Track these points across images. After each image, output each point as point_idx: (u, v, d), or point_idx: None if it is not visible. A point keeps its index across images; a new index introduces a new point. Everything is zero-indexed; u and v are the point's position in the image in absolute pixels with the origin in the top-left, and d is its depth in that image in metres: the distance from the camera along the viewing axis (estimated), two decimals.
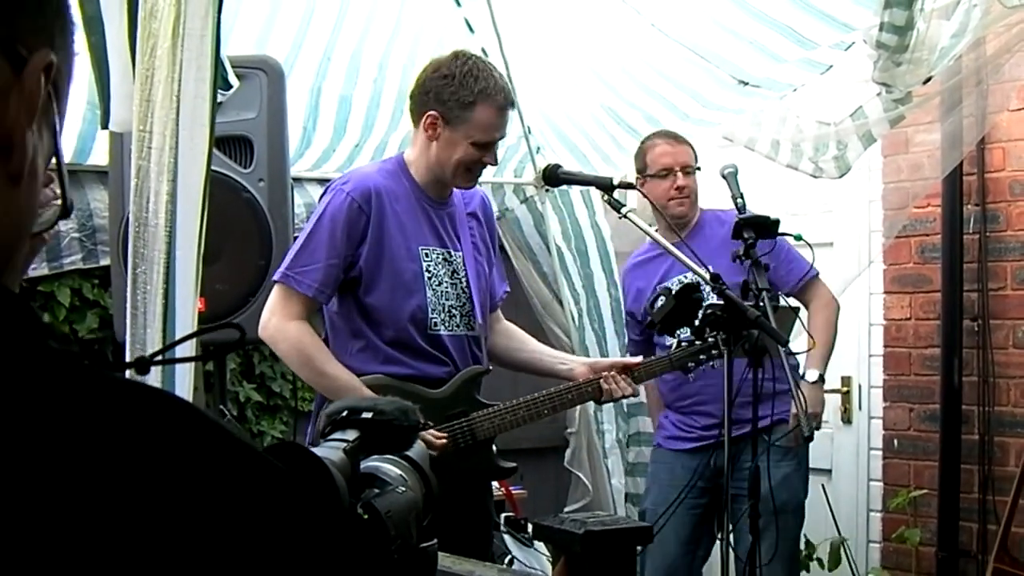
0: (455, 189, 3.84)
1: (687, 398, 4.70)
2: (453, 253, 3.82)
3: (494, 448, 3.89)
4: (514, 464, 3.97)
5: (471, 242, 3.90)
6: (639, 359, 4.02)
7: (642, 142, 4.84)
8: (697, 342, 3.82)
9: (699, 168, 4.76)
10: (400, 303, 3.69)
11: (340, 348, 3.72)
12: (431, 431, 3.58)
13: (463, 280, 3.82)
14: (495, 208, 4.97)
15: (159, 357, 2.16)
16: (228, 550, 0.80)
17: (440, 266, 3.77)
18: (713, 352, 3.83)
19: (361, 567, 1.21)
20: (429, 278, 3.74)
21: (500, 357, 4.09)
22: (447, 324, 3.77)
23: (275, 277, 3.66)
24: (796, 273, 4.62)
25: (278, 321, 3.60)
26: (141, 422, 0.82)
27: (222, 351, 3.70)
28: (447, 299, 3.78)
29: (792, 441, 4.43)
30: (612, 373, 3.86)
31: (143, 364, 1.08)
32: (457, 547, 2.75)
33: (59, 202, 1.01)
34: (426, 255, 3.75)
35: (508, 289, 4.21)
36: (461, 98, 3.65)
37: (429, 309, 3.72)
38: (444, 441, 3.64)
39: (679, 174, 4.64)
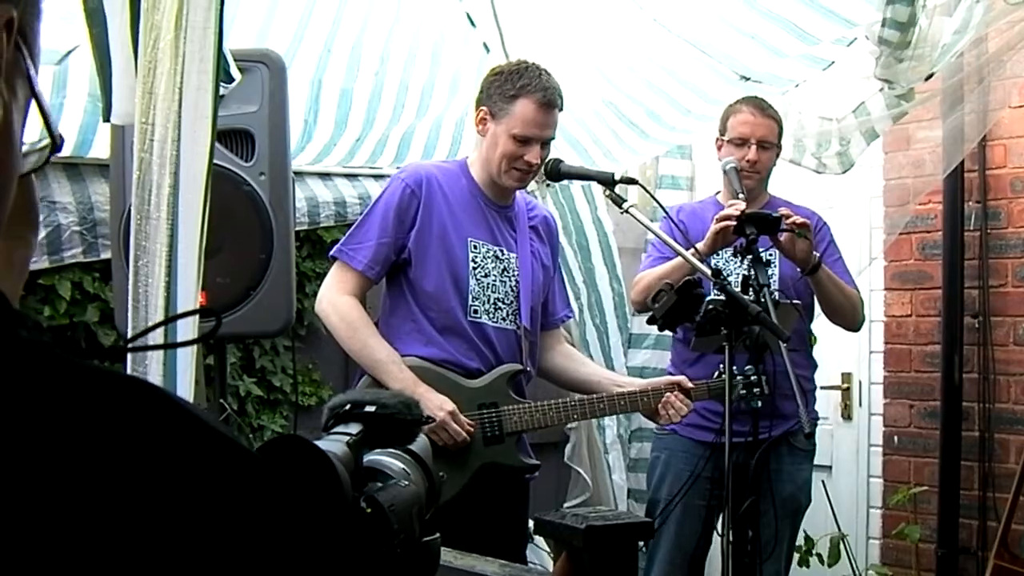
0: (517, 197, 4.04)
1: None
2: (506, 252, 3.96)
3: (522, 445, 3.99)
4: (538, 461, 4.03)
5: (529, 250, 4.02)
6: (691, 384, 4.01)
7: (731, 104, 4.72)
8: (739, 377, 3.82)
9: (779, 147, 4.66)
10: (444, 284, 3.86)
11: (393, 329, 3.92)
12: (463, 418, 3.77)
13: (513, 278, 3.96)
14: None
15: (146, 343, 2.16)
16: (196, 537, 0.78)
17: (488, 260, 3.92)
18: (755, 391, 3.87)
19: (363, 560, 1.21)
20: (474, 268, 3.89)
21: (557, 376, 4.23)
22: (491, 315, 3.92)
23: (331, 252, 3.98)
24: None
25: (332, 295, 3.90)
26: (110, 410, 0.81)
27: (198, 341, 3.67)
28: (493, 291, 3.92)
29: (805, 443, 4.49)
30: (669, 395, 3.96)
31: (117, 352, 1.08)
32: (490, 554, 2.76)
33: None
34: (474, 247, 3.91)
35: (571, 315, 4.38)
36: (505, 91, 3.84)
37: (470, 296, 3.88)
38: (471, 428, 3.79)
39: (753, 147, 4.53)
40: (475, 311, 3.88)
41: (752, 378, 3.86)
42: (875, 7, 4.20)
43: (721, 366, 3.86)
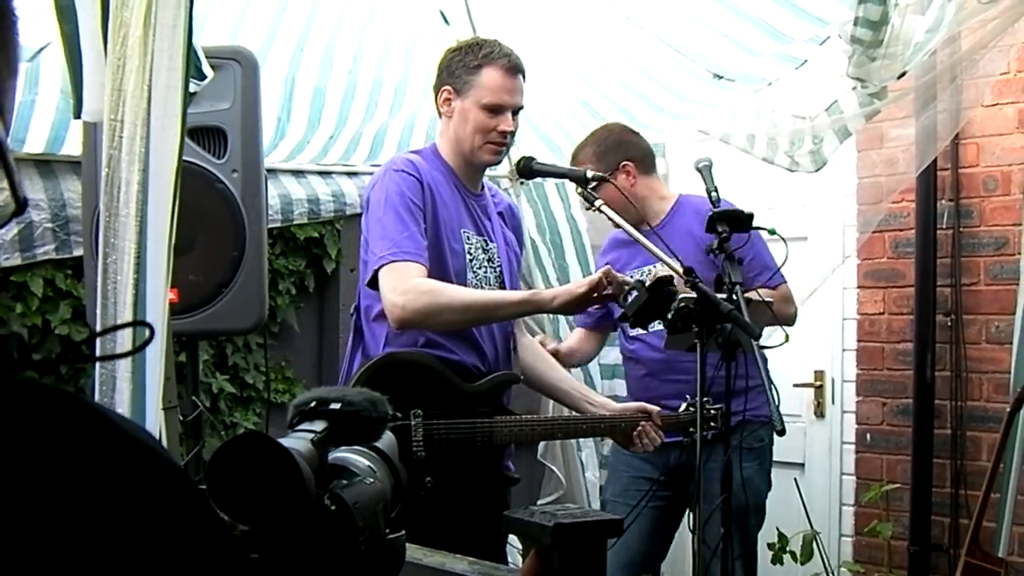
0: (485, 183, 3.93)
1: (651, 392, 4.46)
2: (489, 242, 3.85)
3: (507, 453, 3.89)
4: (518, 476, 3.95)
5: (503, 239, 3.93)
6: (659, 420, 3.96)
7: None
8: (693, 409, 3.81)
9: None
10: (450, 282, 3.65)
11: (377, 340, 3.68)
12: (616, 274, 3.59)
13: (496, 268, 3.85)
14: None
15: (101, 354, 2.15)
16: (102, 550, 0.77)
17: (479, 251, 3.80)
18: (711, 424, 3.82)
19: (326, 558, 1.21)
20: (471, 261, 3.76)
21: (526, 375, 4.05)
22: None
23: (375, 264, 3.57)
24: (761, 278, 4.50)
25: (401, 289, 3.52)
26: (24, 422, 0.80)
27: (131, 354, 3.59)
28: (486, 284, 3.80)
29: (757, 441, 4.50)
30: (644, 424, 3.91)
31: (49, 364, 1.06)
32: (469, 553, 2.71)
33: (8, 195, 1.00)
34: (467, 238, 3.78)
35: None
36: (467, 63, 3.73)
37: None
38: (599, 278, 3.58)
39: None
40: None
41: (711, 411, 3.83)
42: (847, 6, 4.21)
43: (688, 396, 3.89)
